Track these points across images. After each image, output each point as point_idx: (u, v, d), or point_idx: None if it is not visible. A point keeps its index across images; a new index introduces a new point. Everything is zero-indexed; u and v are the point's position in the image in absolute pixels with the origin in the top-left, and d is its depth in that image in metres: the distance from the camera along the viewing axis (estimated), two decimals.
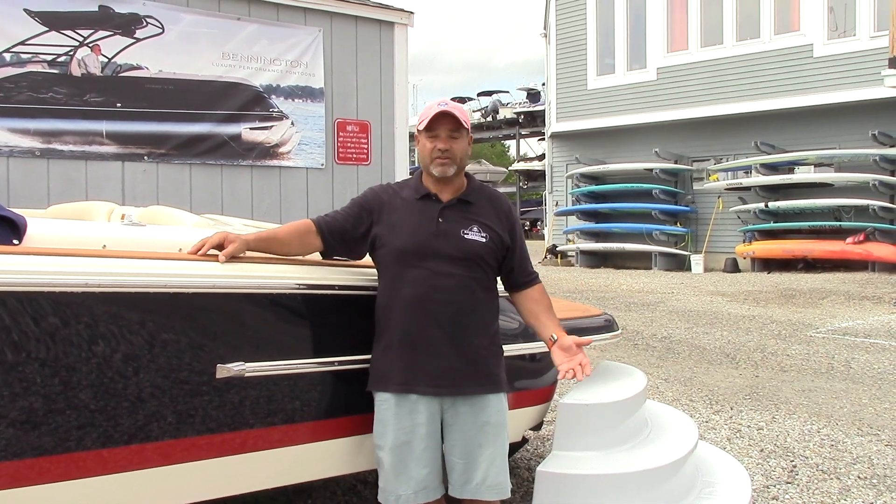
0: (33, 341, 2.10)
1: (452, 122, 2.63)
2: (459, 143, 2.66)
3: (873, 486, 3.97)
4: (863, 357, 7.34)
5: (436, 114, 2.62)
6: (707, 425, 5.04)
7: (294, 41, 8.88)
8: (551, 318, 2.81)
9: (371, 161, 9.43)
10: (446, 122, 2.63)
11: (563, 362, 2.72)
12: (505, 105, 42.49)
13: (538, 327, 2.82)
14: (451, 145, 2.63)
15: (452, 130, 2.64)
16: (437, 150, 2.63)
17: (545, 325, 2.79)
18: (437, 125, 2.63)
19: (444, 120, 2.63)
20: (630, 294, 12.99)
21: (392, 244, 2.63)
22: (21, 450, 2.10)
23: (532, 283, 2.84)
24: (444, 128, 2.63)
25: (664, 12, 18.52)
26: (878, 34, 14.85)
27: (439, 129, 2.63)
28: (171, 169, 8.12)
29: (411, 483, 2.57)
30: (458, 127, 2.65)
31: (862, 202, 15.21)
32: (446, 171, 2.64)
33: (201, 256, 2.44)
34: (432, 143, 2.64)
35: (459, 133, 2.66)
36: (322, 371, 2.64)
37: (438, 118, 2.62)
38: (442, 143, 2.63)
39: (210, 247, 2.47)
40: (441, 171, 2.64)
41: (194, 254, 2.46)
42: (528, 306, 2.84)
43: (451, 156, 2.63)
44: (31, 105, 7.31)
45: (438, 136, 2.63)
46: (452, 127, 2.64)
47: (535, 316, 2.83)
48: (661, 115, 18.37)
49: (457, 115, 2.63)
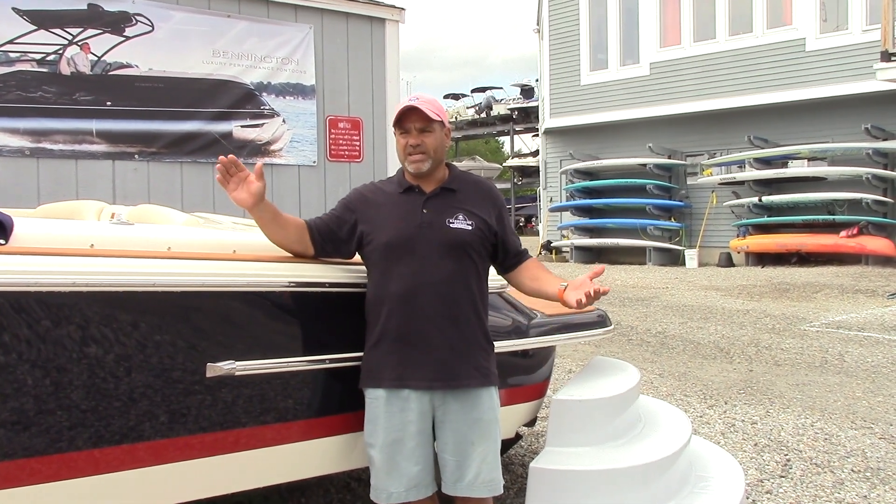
0: (20, 342, 2.09)
1: (421, 117, 2.60)
2: (431, 137, 2.62)
3: (867, 480, 3.97)
4: (856, 350, 7.35)
5: (403, 109, 2.60)
6: (701, 420, 5.04)
7: (285, 38, 8.85)
8: (552, 279, 2.75)
9: (363, 158, 9.41)
10: (416, 118, 2.60)
11: (573, 296, 2.59)
12: (499, 101, 42.47)
13: (543, 286, 2.76)
14: (422, 139, 2.61)
15: (423, 125, 2.61)
16: (409, 147, 2.61)
17: (550, 281, 2.74)
18: (405, 121, 2.61)
19: (412, 115, 2.60)
20: (624, 289, 13.00)
21: (378, 239, 2.62)
22: (11, 450, 2.08)
23: (525, 258, 2.84)
24: (414, 123, 2.61)
25: (656, 7, 18.51)
26: (870, 28, 14.86)
27: (409, 125, 2.61)
28: (161, 167, 8.09)
29: (403, 480, 2.56)
30: (428, 121, 2.61)
31: (855, 196, 15.22)
32: (420, 168, 2.62)
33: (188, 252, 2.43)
34: (405, 139, 2.63)
35: (431, 127, 2.62)
36: (313, 369, 2.62)
37: (407, 113, 2.60)
38: (413, 138, 2.61)
39: (237, 178, 2.52)
40: (416, 167, 2.62)
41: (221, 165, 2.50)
42: (527, 274, 2.81)
43: (424, 150, 2.61)
44: (20, 104, 7.27)
45: (409, 132, 2.62)
46: (422, 122, 2.61)
47: (536, 279, 2.79)
48: (655, 111, 18.37)
49: (423, 108, 2.59)
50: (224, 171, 2.52)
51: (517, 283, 2.86)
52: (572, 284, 2.64)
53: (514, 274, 2.84)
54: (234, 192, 2.53)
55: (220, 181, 2.54)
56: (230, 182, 2.53)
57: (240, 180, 2.53)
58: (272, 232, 2.60)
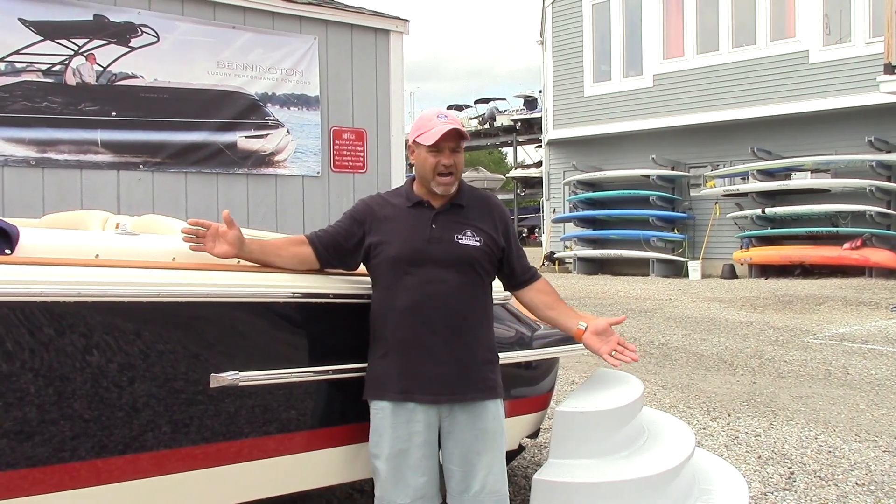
0: (25, 351, 2.09)
1: (455, 136, 2.61)
2: (460, 157, 2.65)
3: (871, 493, 3.96)
4: (860, 363, 7.33)
5: (447, 131, 2.57)
6: (704, 432, 5.03)
7: (289, 49, 8.87)
8: (566, 309, 2.79)
9: (367, 169, 9.43)
10: (451, 138, 2.61)
11: (601, 347, 2.70)
12: (502, 112, 42.53)
13: (559, 319, 2.80)
14: (454, 160, 2.62)
15: (455, 145, 2.63)
16: (441, 166, 2.60)
17: (567, 315, 2.78)
18: (441, 141, 2.59)
19: (448, 135, 2.60)
20: (627, 301, 12.98)
21: (386, 252, 2.62)
22: (14, 460, 2.08)
23: (535, 277, 2.84)
24: (448, 143, 2.61)
25: (660, 19, 18.57)
26: (874, 40, 14.89)
27: (443, 144, 2.60)
28: (166, 178, 8.10)
29: (409, 492, 2.55)
30: (460, 140, 2.64)
31: (859, 208, 15.22)
32: (449, 190, 2.64)
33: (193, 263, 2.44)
34: (436, 159, 2.60)
35: (460, 146, 2.65)
36: (317, 380, 2.62)
37: (445, 134, 2.58)
38: (447, 158, 2.61)
39: (209, 234, 2.49)
40: (444, 189, 2.63)
41: (186, 232, 2.48)
42: (540, 299, 2.83)
43: (455, 171, 2.63)
44: (25, 114, 7.29)
45: (442, 151, 2.60)
46: (454, 142, 2.62)
47: (551, 308, 2.81)
48: (658, 122, 18.41)
49: (462, 130, 2.62)
50: (192, 236, 2.50)
51: (530, 306, 2.87)
52: (593, 328, 2.70)
53: (526, 295, 2.85)
54: (213, 248, 2.50)
55: (194, 247, 2.50)
56: (205, 242, 2.50)
57: (214, 236, 2.51)
58: (268, 264, 2.61)
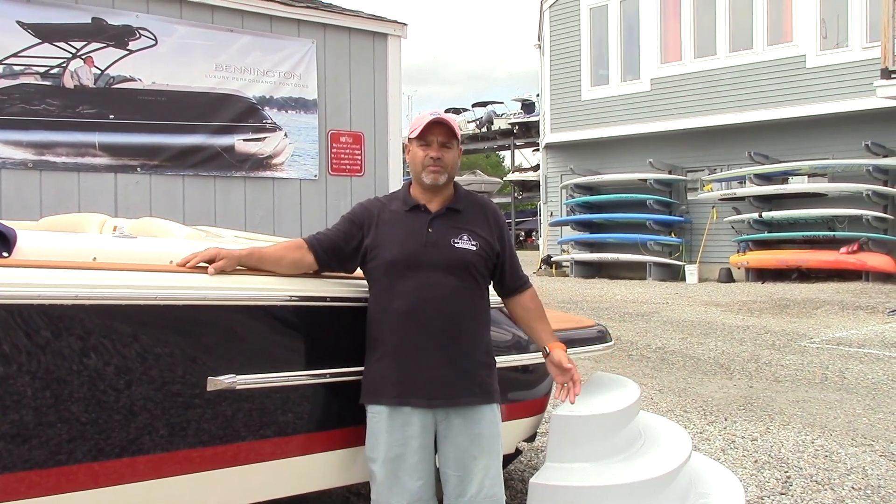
0: (22, 354, 2.09)
1: (445, 132, 2.66)
2: (450, 153, 2.68)
3: (867, 497, 3.96)
4: (857, 367, 7.34)
5: (429, 122, 2.65)
6: (701, 436, 5.03)
7: (287, 53, 8.89)
8: (544, 327, 2.83)
9: (364, 172, 9.44)
10: (439, 132, 2.66)
11: (556, 377, 2.81)
12: (499, 116, 42.57)
13: (532, 336, 2.88)
14: (442, 154, 2.66)
15: (444, 140, 2.67)
16: (428, 158, 2.65)
17: (539, 335, 2.84)
18: (429, 134, 2.66)
19: (436, 129, 2.66)
20: (624, 304, 12.99)
21: (382, 256, 2.63)
22: (10, 463, 2.08)
23: (523, 287, 2.86)
24: (437, 137, 2.66)
25: (657, 23, 18.60)
26: (871, 45, 14.92)
27: (431, 138, 2.66)
28: (164, 180, 8.10)
29: (405, 495, 2.55)
30: (450, 137, 2.68)
31: (855, 212, 15.24)
32: (437, 179, 2.66)
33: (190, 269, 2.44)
34: (424, 152, 2.66)
35: (451, 143, 2.69)
36: (314, 383, 2.62)
37: (431, 127, 2.65)
38: (434, 151, 2.65)
39: (200, 260, 2.46)
40: (432, 178, 2.65)
41: (183, 266, 2.45)
42: (520, 314, 2.87)
43: (443, 164, 2.66)
44: (23, 117, 7.29)
45: (430, 145, 2.66)
46: (444, 136, 2.67)
47: (527, 324, 2.87)
48: (655, 126, 18.42)
49: (450, 124, 2.67)
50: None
51: (514, 316, 2.91)
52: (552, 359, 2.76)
53: (510, 304, 2.88)
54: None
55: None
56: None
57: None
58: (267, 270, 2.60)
